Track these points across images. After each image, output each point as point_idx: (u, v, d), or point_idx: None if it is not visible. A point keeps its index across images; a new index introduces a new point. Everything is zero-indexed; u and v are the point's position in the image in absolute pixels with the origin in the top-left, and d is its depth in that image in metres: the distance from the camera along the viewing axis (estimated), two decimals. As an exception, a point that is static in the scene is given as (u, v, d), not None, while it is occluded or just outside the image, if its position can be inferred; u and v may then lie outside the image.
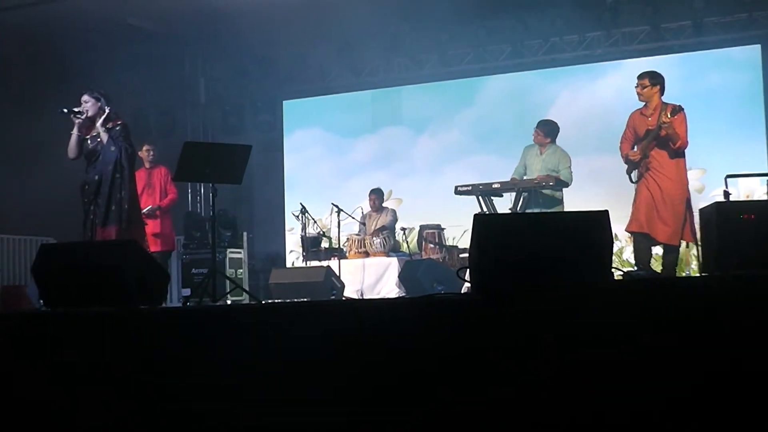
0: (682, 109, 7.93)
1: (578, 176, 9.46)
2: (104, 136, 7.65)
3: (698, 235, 6.77)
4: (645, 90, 8.10)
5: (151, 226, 9.46)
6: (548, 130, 9.43)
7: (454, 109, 13.12)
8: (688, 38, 11.76)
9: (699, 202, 8.25)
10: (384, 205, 11.73)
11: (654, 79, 8.13)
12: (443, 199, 11.41)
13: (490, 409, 3.29)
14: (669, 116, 7.84)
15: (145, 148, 9.75)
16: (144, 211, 9.37)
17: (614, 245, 4.14)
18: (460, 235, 11.80)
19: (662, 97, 8.11)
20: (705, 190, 11.26)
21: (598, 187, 11.47)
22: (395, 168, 13.29)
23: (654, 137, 7.95)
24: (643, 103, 8.17)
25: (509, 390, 3.28)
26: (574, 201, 9.49)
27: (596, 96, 12.18)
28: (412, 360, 3.41)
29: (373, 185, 11.84)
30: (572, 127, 11.51)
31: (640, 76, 8.19)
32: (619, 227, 9.77)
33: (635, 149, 8.11)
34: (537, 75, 12.64)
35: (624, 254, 11.21)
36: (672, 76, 10.89)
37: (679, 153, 8.00)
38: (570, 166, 9.25)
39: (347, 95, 13.73)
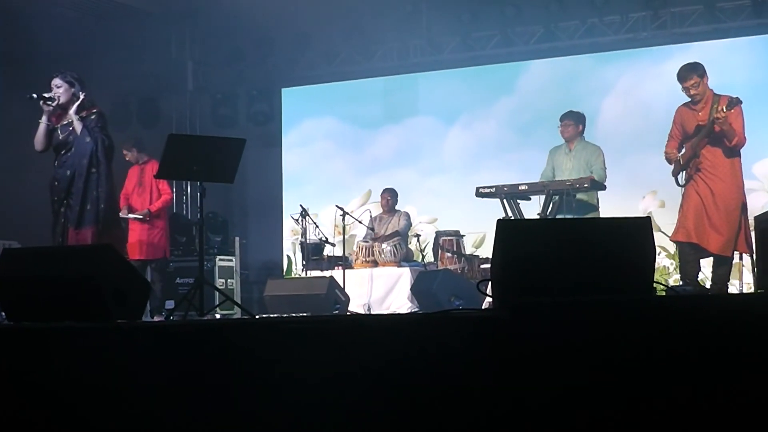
0: (740, 102, 7.91)
1: (617, 178, 9.46)
2: (78, 126, 7.66)
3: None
4: (699, 87, 8.06)
5: (138, 231, 9.57)
6: (578, 117, 9.48)
7: (481, 99, 13.08)
8: (747, 19, 11.71)
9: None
10: (397, 208, 11.72)
11: (697, 70, 8.11)
12: (463, 202, 11.43)
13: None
14: (725, 110, 7.82)
15: (123, 152, 9.90)
16: (137, 215, 9.47)
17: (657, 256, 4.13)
18: (478, 241, 11.81)
19: (709, 86, 8.10)
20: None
21: (639, 191, 11.48)
22: (410, 167, 13.27)
23: (706, 134, 7.94)
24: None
25: (534, 421, 3.28)
26: (610, 206, 9.51)
27: (638, 87, 12.14)
28: (425, 384, 3.42)
29: (385, 185, 11.85)
30: (610, 122, 11.53)
31: (684, 77, 8.14)
32: (663, 236, 9.85)
33: (683, 150, 8.11)
34: (572, 62, 12.61)
35: (669, 267, 11.20)
36: (728, 63, 10.89)
37: (734, 152, 7.99)
38: (603, 162, 9.28)
39: (356, 82, 13.73)
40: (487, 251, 11.78)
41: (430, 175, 13.15)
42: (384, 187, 11.83)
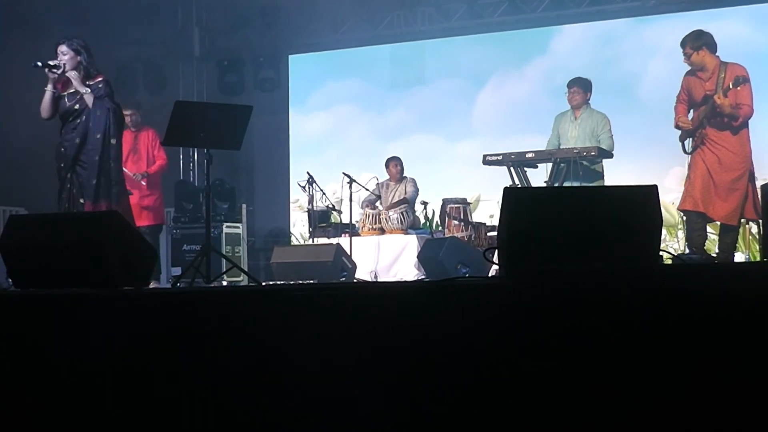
0: (748, 81, 7.92)
1: (623, 146, 9.45)
2: (89, 99, 7.55)
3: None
4: (692, 58, 8.08)
5: (137, 197, 9.49)
6: (585, 85, 9.49)
7: (486, 68, 13.02)
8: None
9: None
10: (404, 175, 11.70)
11: (696, 41, 8.10)
12: (470, 170, 11.41)
13: (517, 411, 3.29)
14: (731, 86, 7.84)
15: (124, 112, 9.76)
16: (135, 175, 9.41)
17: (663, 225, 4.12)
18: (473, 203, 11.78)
19: (717, 54, 8.08)
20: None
21: (646, 159, 11.44)
22: (417, 135, 13.24)
23: (711, 110, 7.95)
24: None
25: (540, 389, 3.28)
26: (617, 174, 9.50)
27: (641, 56, 12.01)
28: (431, 352, 3.42)
29: (390, 153, 11.83)
30: (614, 90, 11.46)
31: (682, 44, 8.17)
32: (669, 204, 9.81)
33: (691, 114, 8.10)
34: (578, 30, 12.51)
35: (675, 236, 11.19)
36: (742, 31, 10.80)
37: (742, 124, 7.99)
38: (610, 130, 9.29)
39: (363, 50, 13.69)
40: (482, 214, 11.81)
41: (438, 141, 13.13)
42: (390, 155, 11.79)
